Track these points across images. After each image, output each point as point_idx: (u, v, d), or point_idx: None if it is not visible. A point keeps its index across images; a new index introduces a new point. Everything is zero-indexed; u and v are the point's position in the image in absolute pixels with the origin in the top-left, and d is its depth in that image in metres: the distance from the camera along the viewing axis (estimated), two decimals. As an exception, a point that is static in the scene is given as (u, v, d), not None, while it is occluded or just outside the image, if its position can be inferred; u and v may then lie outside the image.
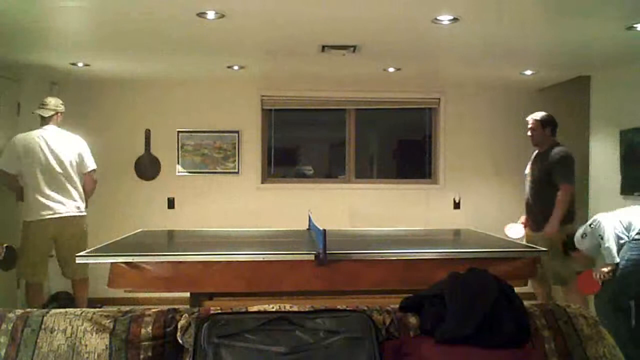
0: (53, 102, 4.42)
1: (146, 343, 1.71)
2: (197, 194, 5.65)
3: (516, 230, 4.43)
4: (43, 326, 1.73)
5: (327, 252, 2.91)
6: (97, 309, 1.85)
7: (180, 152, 5.66)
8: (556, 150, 4.32)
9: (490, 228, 4.39)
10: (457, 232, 4.48)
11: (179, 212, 5.60)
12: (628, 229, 3.56)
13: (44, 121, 4.39)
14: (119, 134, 5.55)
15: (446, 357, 1.61)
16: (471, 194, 5.82)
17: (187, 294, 3.17)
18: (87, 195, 4.58)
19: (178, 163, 5.67)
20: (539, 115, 4.47)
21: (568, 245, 3.95)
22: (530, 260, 3.21)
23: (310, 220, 4.02)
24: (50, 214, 4.23)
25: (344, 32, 3.67)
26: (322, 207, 4.97)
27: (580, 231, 3.81)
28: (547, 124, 4.43)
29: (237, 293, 2.98)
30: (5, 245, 3.42)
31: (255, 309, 1.75)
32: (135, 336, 1.72)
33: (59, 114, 4.45)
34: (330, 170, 6.51)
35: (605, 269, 3.48)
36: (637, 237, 3.50)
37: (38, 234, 4.21)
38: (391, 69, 4.88)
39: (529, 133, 4.48)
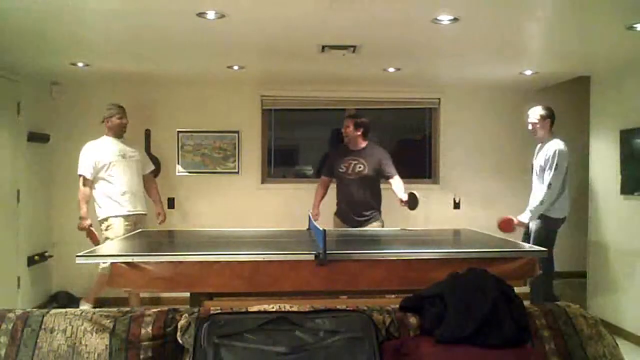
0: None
1: (146, 343, 1.71)
2: (197, 194, 5.65)
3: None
4: (43, 326, 1.73)
5: (327, 252, 2.91)
6: (97, 309, 1.85)
7: (180, 152, 5.67)
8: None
9: (491, 228, 4.39)
10: (457, 232, 4.48)
11: (179, 212, 5.61)
12: None
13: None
14: (119, 134, 5.55)
15: (446, 357, 1.61)
16: (471, 194, 5.82)
17: (187, 294, 3.17)
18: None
19: (178, 163, 5.67)
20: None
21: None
22: (530, 260, 3.21)
23: (310, 220, 4.02)
24: None
25: (344, 32, 3.67)
26: (322, 207, 4.97)
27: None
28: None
29: (237, 293, 2.97)
30: None
31: (255, 309, 1.75)
32: (135, 336, 1.72)
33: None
34: (330, 170, 6.50)
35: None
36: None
37: None
38: (391, 69, 4.88)
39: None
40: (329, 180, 4.98)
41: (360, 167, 4.72)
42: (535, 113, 4.52)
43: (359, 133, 4.75)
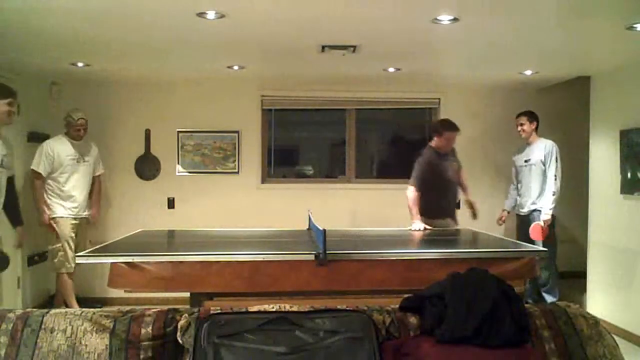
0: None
1: (146, 343, 1.71)
2: (197, 194, 5.65)
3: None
4: (43, 326, 1.73)
5: (327, 252, 2.91)
6: (97, 309, 1.85)
7: (180, 152, 5.67)
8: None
9: (490, 228, 4.39)
10: (457, 232, 4.48)
11: (179, 212, 5.61)
12: None
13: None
14: (119, 134, 5.56)
15: (446, 357, 1.61)
16: (471, 194, 5.81)
17: (187, 294, 3.17)
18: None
19: (178, 163, 5.67)
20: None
21: None
22: (530, 260, 3.21)
23: (310, 220, 4.02)
24: None
25: (344, 32, 3.67)
26: (322, 207, 4.97)
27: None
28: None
29: (237, 293, 2.98)
30: None
31: (255, 309, 1.74)
32: (135, 336, 1.71)
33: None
34: (330, 170, 6.52)
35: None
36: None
37: None
38: (391, 69, 4.88)
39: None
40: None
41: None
42: (523, 117, 5.03)
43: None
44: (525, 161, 5.06)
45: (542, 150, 4.91)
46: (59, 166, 4.78)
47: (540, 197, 4.89)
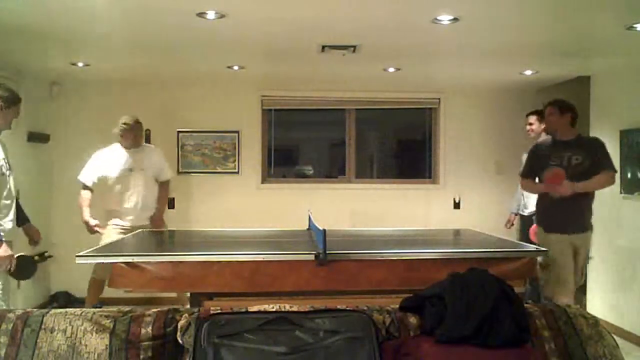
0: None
1: (146, 343, 1.71)
2: (197, 194, 5.65)
3: None
4: (43, 326, 1.73)
5: (327, 252, 2.91)
6: (97, 309, 1.85)
7: (180, 152, 5.66)
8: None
9: (490, 228, 4.39)
10: (457, 232, 4.48)
11: (179, 212, 5.60)
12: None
13: None
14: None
15: (446, 357, 1.61)
16: (471, 194, 5.82)
17: (188, 294, 3.17)
18: None
19: (178, 163, 5.66)
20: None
21: None
22: (530, 260, 3.21)
23: (310, 220, 4.02)
24: None
25: (344, 32, 3.67)
26: (322, 207, 4.97)
27: None
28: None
29: (237, 293, 2.97)
30: (18, 255, 3.41)
31: (255, 309, 1.74)
32: (135, 336, 1.71)
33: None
34: (330, 170, 6.52)
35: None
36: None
37: None
38: (391, 69, 4.88)
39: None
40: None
41: (577, 160, 3.81)
42: (533, 116, 4.78)
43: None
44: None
45: None
46: (108, 176, 4.49)
47: None
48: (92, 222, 4.50)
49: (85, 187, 4.54)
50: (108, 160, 4.53)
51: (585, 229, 3.90)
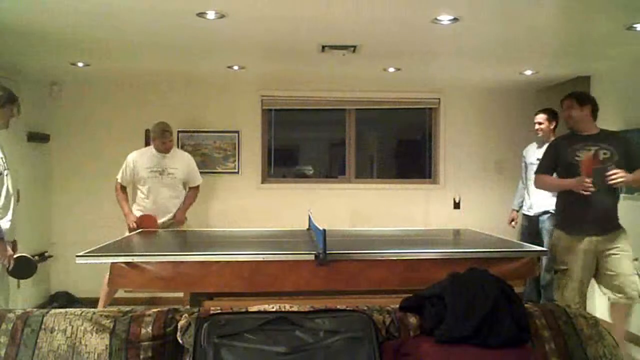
0: None
1: (146, 343, 1.71)
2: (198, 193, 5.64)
3: None
4: (43, 326, 1.73)
5: (327, 252, 2.91)
6: (97, 309, 1.85)
7: (180, 152, 5.66)
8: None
9: (490, 228, 4.39)
10: (457, 232, 4.48)
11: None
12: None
13: None
14: (119, 134, 5.55)
15: (446, 357, 1.61)
16: (471, 194, 5.82)
17: (186, 294, 3.17)
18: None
19: (178, 163, 5.66)
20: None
21: None
22: (530, 260, 3.21)
23: (310, 220, 4.02)
24: None
25: (344, 32, 3.67)
26: (322, 207, 4.97)
27: None
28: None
29: (237, 293, 2.97)
30: (17, 255, 3.41)
31: (255, 309, 1.74)
32: (135, 336, 1.71)
33: None
34: (330, 170, 6.52)
35: None
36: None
37: None
38: (391, 69, 4.88)
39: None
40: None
41: (605, 154, 3.55)
42: (543, 115, 4.68)
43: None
44: (538, 159, 4.58)
45: None
46: (138, 177, 4.68)
47: (552, 199, 4.64)
48: (132, 216, 4.63)
49: (118, 185, 4.72)
50: (140, 161, 4.71)
51: (612, 230, 3.62)
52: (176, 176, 4.77)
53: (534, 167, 4.70)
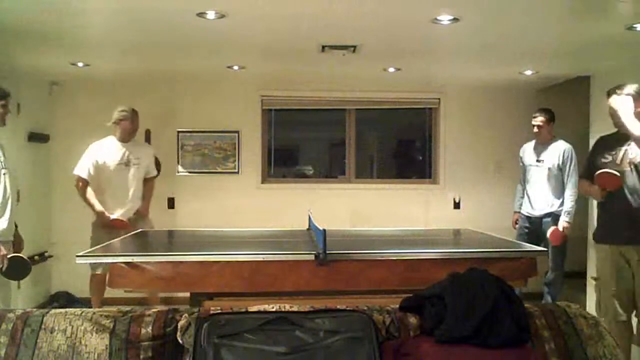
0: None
1: (146, 343, 1.71)
2: (197, 194, 5.65)
3: None
4: (43, 326, 1.73)
5: (327, 252, 2.91)
6: (97, 309, 1.85)
7: (180, 152, 5.67)
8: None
9: (490, 228, 4.39)
10: (457, 232, 4.48)
11: (179, 212, 5.60)
12: None
13: None
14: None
15: (446, 357, 1.61)
16: (471, 194, 5.83)
17: (187, 294, 3.17)
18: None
19: (178, 163, 5.67)
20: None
21: None
22: (530, 260, 3.20)
23: (310, 220, 4.02)
24: None
25: (344, 32, 3.67)
26: (322, 207, 4.96)
27: None
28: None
29: (237, 293, 2.97)
30: (10, 255, 3.40)
31: (255, 309, 1.74)
32: (135, 336, 1.71)
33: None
34: (330, 170, 6.52)
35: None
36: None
37: None
38: (391, 69, 4.88)
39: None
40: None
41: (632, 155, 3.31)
42: (542, 115, 4.71)
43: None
44: (538, 161, 4.80)
45: (559, 153, 4.65)
46: (104, 169, 4.49)
47: (555, 201, 4.70)
48: (107, 216, 4.47)
49: (81, 180, 4.49)
50: (104, 153, 4.54)
51: None
52: (140, 167, 4.64)
53: (532, 168, 4.76)
